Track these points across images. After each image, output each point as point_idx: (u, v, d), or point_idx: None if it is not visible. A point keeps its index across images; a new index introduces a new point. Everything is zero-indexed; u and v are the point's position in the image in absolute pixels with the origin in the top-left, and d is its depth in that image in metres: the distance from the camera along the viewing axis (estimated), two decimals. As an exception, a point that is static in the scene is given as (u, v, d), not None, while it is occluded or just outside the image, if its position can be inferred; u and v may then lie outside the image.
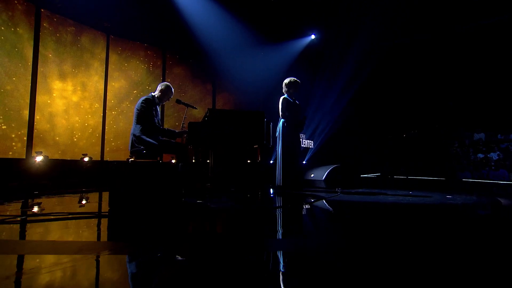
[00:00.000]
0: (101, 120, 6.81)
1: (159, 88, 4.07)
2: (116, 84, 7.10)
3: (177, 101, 4.13)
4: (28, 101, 5.82)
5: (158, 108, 4.10)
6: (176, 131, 4.05)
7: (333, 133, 8.88)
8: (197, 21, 7.49)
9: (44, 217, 2.59)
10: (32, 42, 5.90)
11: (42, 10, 6.05)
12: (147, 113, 3.85)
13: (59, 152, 6.09)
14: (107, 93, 6.91)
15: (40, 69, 5.96)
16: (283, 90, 4.95)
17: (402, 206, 3.31)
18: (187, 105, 4.17)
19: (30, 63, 5.87)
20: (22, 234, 2.11)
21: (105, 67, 6.94)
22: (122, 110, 7.10)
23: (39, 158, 5.17)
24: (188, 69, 8.21)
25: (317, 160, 8.64)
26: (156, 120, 3.94)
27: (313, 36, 8.61)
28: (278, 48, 8.27)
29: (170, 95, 4.11)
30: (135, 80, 7.37)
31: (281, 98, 4.83)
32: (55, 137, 6.10)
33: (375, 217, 2.74)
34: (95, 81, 6.77)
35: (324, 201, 3.70)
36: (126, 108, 7.14)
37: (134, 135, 3.82)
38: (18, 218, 2.59)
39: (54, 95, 6.14)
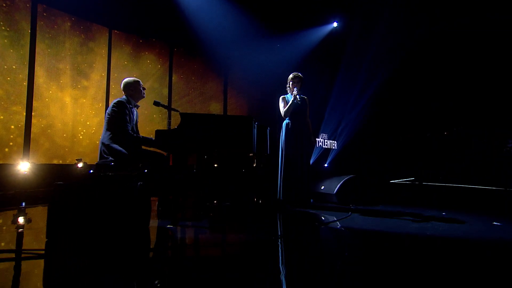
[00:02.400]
0: (103, 121, 6.43)
1: (124, 88, 3.51)
2: (120, 82, 6.68)
3: (155, 103, 3.56)
4: (24, 102, 5.53)
5: (135, 111, 3.55)
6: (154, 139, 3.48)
7: (359, 131, 7.94)
8: (206, 14, 6.88)
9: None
10: (28, 39, 5.58)
11: (38, 4, 5.73)
12: (118, 117, 3.31)
13: (58, 155, 5.78)
14: (110, 92, 6.52)
15: (37, 67, 5.64)
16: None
17: (425, 241, 2.49)
18: (168, 108, 3.59)
19: (27, 62, 5.57)
20: None
21: (108, 64, 6.53)
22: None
23: (24, 166, 4.83)
24: (198, 65, 7.63)
25: (340, 163, 7.79)
26: (130, 126, 3.38)
27: (335, 24, 7.66)
28: (296, 38, 7.45)
29: (141, 88, 3.57)
30: (140, 77, 6.90)
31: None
32: (54, 141, 5.78)
33: (379, 268, 1.98)
34: (97, 80, 6.38)
35: (327, 226, 2.97)
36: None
37: (102, 143, 3.30)
38: None
39: (51, 93, 5.80)
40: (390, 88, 7.78)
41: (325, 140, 7.74)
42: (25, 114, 5.49)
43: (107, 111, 3.31)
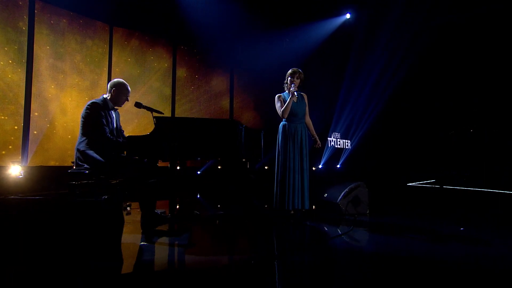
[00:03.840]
0: (105, 120, 6.23)
1: (109, 87, 3.23)
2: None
3: (136, 105, 3.26)
4: (22, 102, 5.41)
5: (114, 114, 3.27)
6: (136, 143, 3.18)
7: (374, 129, 7.40)
8: (210, 9, 6.53)
9: None
10: (26, 37, 5.43)
11: (36, 1, 5.56)
12: (94, 120, 3.03)
13: (57, 158, 5.63)
14: (111, 91, 6.31)
15: (35, 66, 5.49)
16: None
17: (430, 269, 2.07)
18: (151, 110, 3.27)
19: (25, 60, 5.42)
20: None
21: (109, 62, 6.33)
22: (127, 110, 6.46)
23: (15, 169, 4.68)
24: (202, 62, 7.31)
25: (354, 164, 7.32)
26: (108, 130, 3.10)
27: (348, 15, 7.14)
28: (305, 32, 6.98)
29: (126, 93, 3.28)
30: (142, 74, 6.69)
31: None
32: (55, 142, 5.63)
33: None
34: (98, 78, 6.19)
35: (320, 245, 2.60)
36: (131, 107, 6.48)
37: (78, 150, 3.04)
38: None
39: (50, 91, 5.65)
40: (408, 83, 7.20)
41: (338, 140, 7.29)
42: (23, 114, 5.36)
43: (81, 114, 3.04)
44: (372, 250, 2.59)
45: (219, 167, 6.00)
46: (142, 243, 2.62)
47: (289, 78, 3.72)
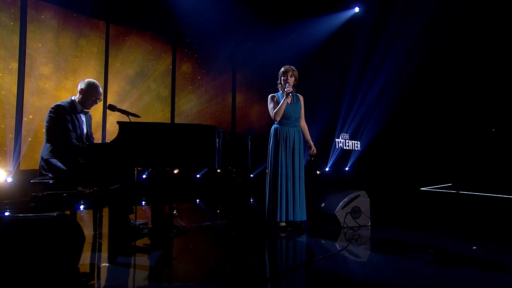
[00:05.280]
0: (101, 122, 6.03)
1: (79, 88, 2.95)
2: (118, 80, 6.24)
3: (109, 108, 2.96)
4: (14, 104, 5.25)
5: (83, 118, 2.99)
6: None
7: (386, 129, 6.91)
8: (210, 6, 6.22)
9: None
10: (18, 35, 5.27)
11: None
12: (58, 125, 2.76)
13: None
14: (108, 90, 6.10)
15: (28, 65, 5.32)
16: None
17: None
18: (126, 113, 2.98)
19: (16, 59, 5.25)
20: None
21: (105, 60, 6.11)
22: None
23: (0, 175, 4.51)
24: (202, 60, 7.02)
25: (363, 166, 6.88)
26: (75, 135, 2.82)
27: (357, 9, 6.66)
28: (311, 27, 6.56)
29: (96, 95, 2.98)
30: (140, 73, 6.44)
31: None
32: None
33: None
34: (93, 77, 5.97)
35: (302, 270, 2.25)
36: (129, 108, 6.25)
37: (42, 158, 2.78)
38: None
39: (45, 94, 5.47)
40: (422, 80, 6.68)
41: (346, 141, 6.85)
42: (15, 115, 5.21)
43: (45, 118, 2.77)
44: (362, 277, 2.21)
45: (218, 171, 5.71)
46: (103, 264, 2.33)
47: (282, 77, 3.39)
